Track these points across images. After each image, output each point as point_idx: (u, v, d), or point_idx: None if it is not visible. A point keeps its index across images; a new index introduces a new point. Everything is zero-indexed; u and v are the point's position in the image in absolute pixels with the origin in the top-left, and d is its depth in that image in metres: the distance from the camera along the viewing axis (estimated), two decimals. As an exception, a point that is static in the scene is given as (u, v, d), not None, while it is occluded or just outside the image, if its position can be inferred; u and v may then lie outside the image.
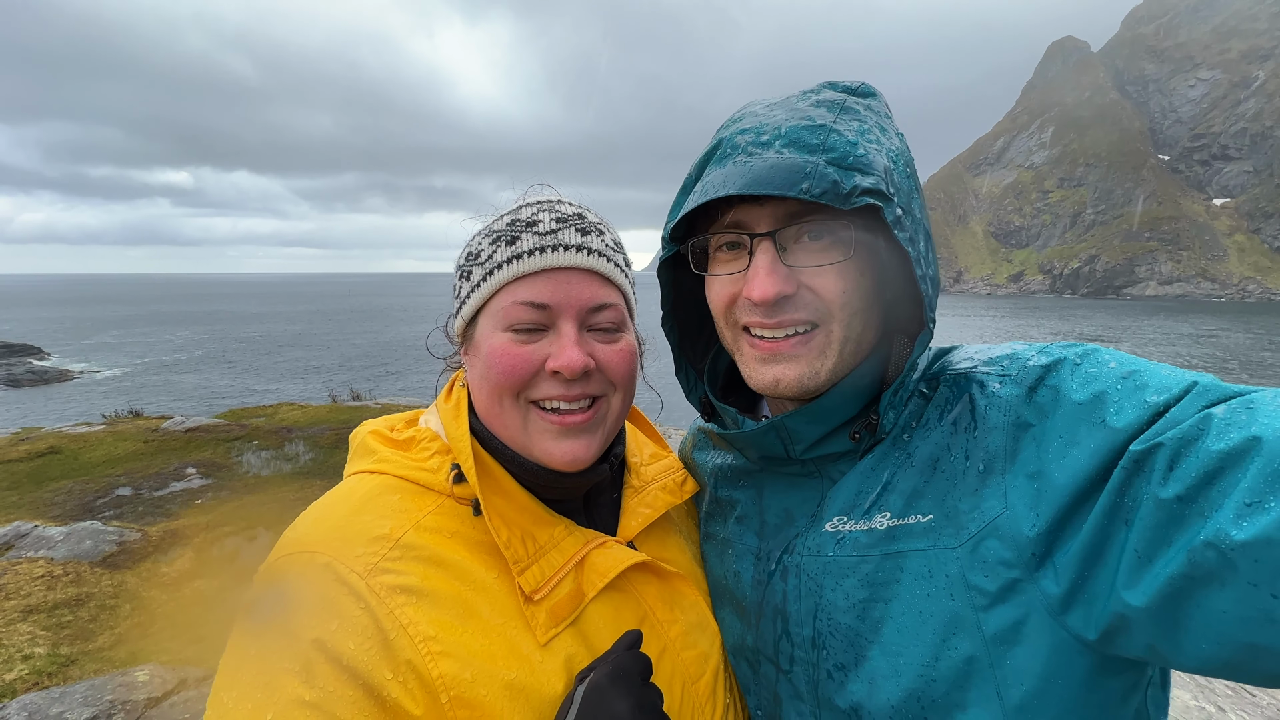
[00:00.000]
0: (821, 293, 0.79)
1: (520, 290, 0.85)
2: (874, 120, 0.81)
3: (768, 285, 0.78)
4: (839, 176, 0.73)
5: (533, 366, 0.85)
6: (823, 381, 0.82)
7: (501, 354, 0.85)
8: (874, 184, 0.74)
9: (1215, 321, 76.27)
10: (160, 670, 4.29)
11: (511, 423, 0.87)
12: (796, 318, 0.80)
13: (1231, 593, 0.54)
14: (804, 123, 0.77)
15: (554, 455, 0.86)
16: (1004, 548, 0.70)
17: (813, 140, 0.76)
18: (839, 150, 0.75)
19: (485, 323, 0.88)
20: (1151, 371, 0.69)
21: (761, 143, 0.78)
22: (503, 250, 0.87)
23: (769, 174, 0.74)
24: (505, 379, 0.85)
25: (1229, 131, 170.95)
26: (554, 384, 0.85)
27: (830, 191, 0.73)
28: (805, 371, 0.81)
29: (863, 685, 0.78)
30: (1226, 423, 0.58)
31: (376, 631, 0.71)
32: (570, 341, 0.85)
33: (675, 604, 0.94)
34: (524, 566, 0.82)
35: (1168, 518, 0.59)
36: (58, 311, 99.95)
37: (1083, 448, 0.67)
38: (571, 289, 0.86)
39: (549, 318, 0.86)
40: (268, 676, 0.67)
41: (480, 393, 0.89)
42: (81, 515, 8.08)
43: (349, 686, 0.68)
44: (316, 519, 0.80)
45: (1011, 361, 0.80)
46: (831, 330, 0.80)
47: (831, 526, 0.85)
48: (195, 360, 40.90)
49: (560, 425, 0.86)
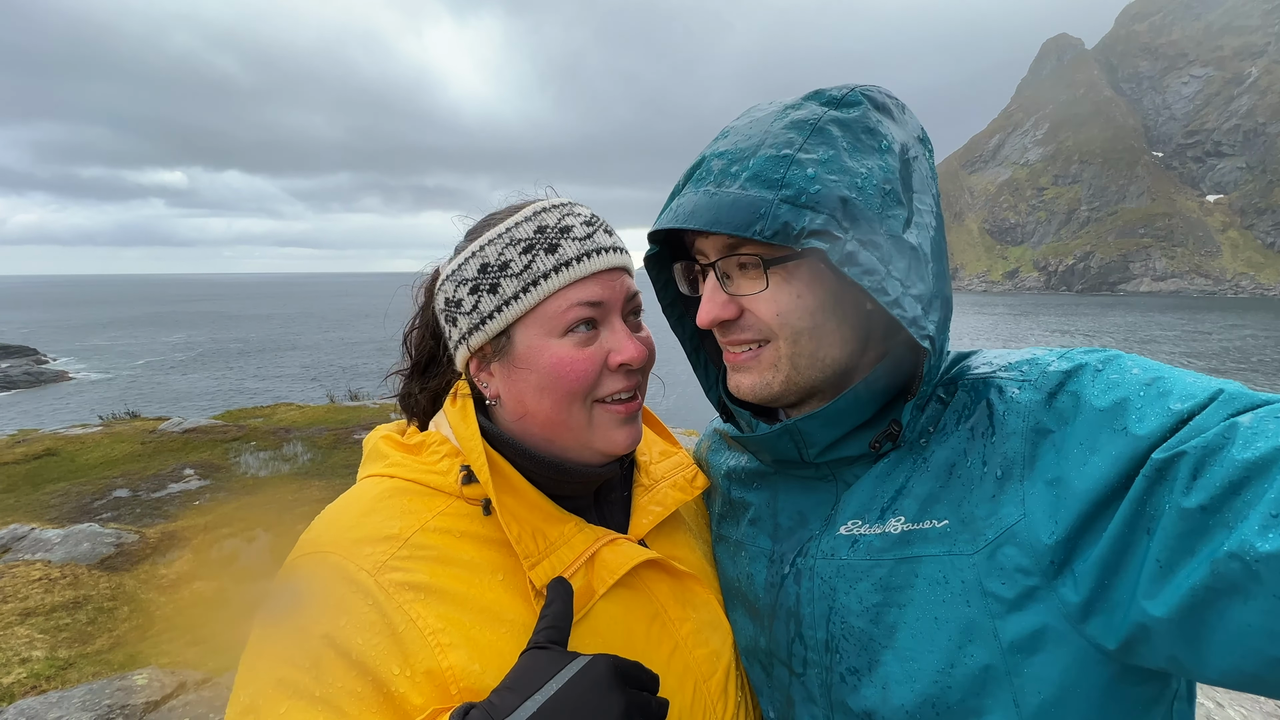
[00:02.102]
0: (760, 315, 0.82)
1: (574, 294, 0.87)
2: (847, 141, 0.77)
3: (705, 311, 0.84)
4: (790, 218, 0.73)
5: (599, 366, 0.88)
6: (776, 391, 0.85)
7: (570, 362, 0.86)
8: (823, 224, 0.73)
9: (1209, 317, 76.66)
10: (159, 674, 4.27)
11: (578, 424, 0.89)
12: (743, 338, 0.85)
13: (1256, 605, 0.53)
14: (770, 153, 0.77)
15: (618, 442, 0.91)
16: (1022, 555, 0.69)
17: (774, 175, 0.75)
18: (795, 187, 0.74)
19: (532, 332, 0.87)
20: (1175, 378, 0.68)
21: (730, 173, 0.78)
22: (543, 259, 0.87)
23: (729, 213, 0.75)
24: (579, 384, 0.87)
25: (1222, 128, 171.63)
26: (618, 377, 0.90)
27: (781, 233, 0.73)
28: (757, 382, 0.85)
29: (876, 690, 0.78)
30: (1253, 431, 0.57)
31: (385, 627, 0.73)
32: (626, 335, 0.90)
33: (687, 602, 0.95)
34: (535, 561, 0.83)
35: (1191, 528, 0.58)
36: (53, 313, 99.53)
37: (1104, 455, 0.66)
38: (616, 285, 0.91)
39: (601, 314, 0.89)
40: (279, 674, 0.70)
41: (540, 402, 0.88)
42: (79, 517, 8.04)
43: (358, 681, 0.70)
44: (329, 521, 0.83)
45: (1031, 367, 0.79)
46: (779, 347, 0.83)
47: (846, 530, 0.85)
48: (192, 361, 40.78)
49: (625, 414, 0.91)
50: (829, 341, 0.83)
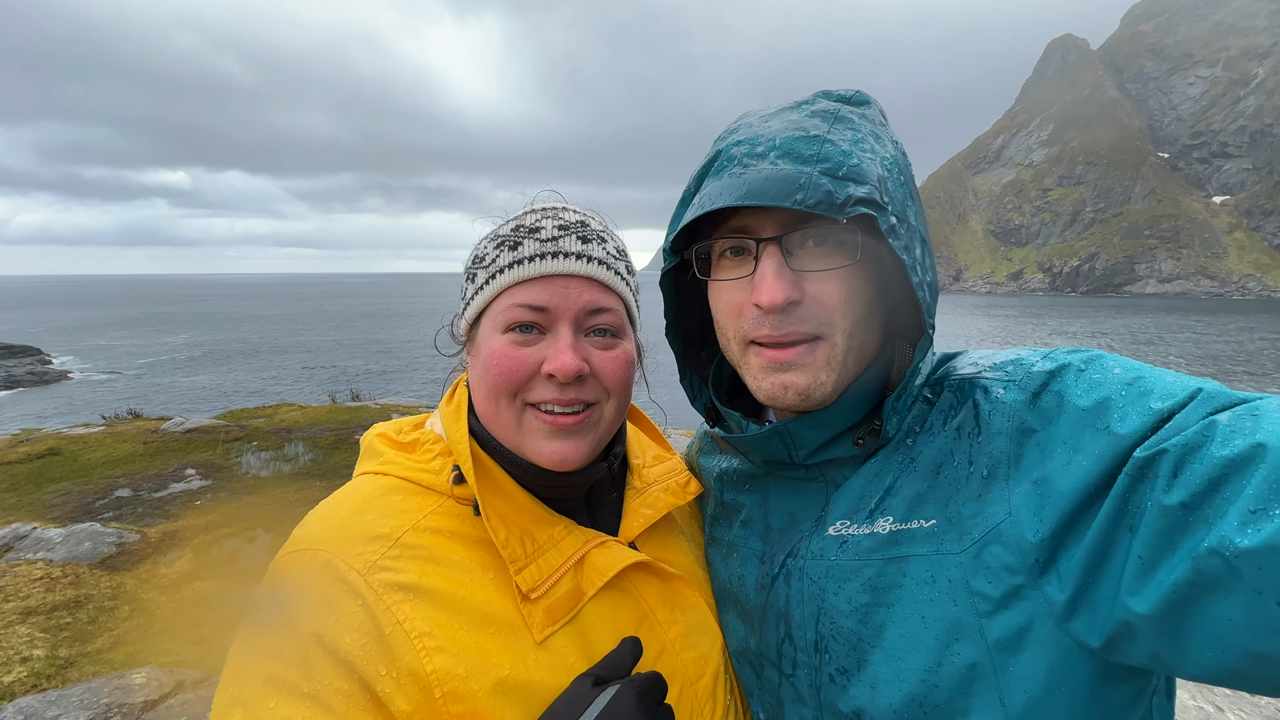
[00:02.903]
0: (825, 300, 0.79)
1: (519, 294, 0.86)
2: (868, 129, 0.81)
3: (775, 290, 0.77)
4: (833, 187, 0.73)
5: (528, 369, 0.86)
6: (829, 393, 0.81)
7: (499, 356, 0.86)
8: (868, 193, 0.73)
9: (1215, 319, 76.31)
10: (158, 673, 4.28)
11: (507, 422, 0.88)
12: (801, 330, 0.79)
13: (1237, 600, 0.53)
14: (798, 133, 0.78)
15: (543, 454, 0.87)
16: (1007, 553, 0.70)
17: (807, 151, 0.76)
18: (832, 160, 0.75)
19: (486, 324, 0.90)
20: (1156, 377, 0.69)
21: (756, 154, 0.78)
22: (505, 255, 0.88)
23: (764, 185, 0.74)
24: (502, 380, 0.86)
25: (1228, 129, 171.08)
26: (549, 387, 0.86)
27: (825, 202, 0.72)
28: (811, 381, 0.80)
29: (865, 690, 0.78)
30: (1232, 429, 0.58)
31: (373, 627, 0.73)
32: (565, 345, 0.86)
33: (675, 605, 0.94)
34: (521, 565, 0.82)
35: (1172, 525, 0.58)
36: (57, 313, 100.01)
37: (1087, 454, 0.67)
38: (570, 293, 0.87)
39: (547, 320, 0.87)
40: (268, 669, 0.70)
41: (479, 393, 0.90)
42: (80, 517, 8.06)
43: (344, 680, 0.70)
44: (321, 518, 0.83)
45: (1016, 367, 0.79)
46: (835, 341, 0.80)
47: (835, 530, 0.84)
48: (194, 361, 40.92)
49: (552, 426, 0.86)
50: (872, 335, 0.84)
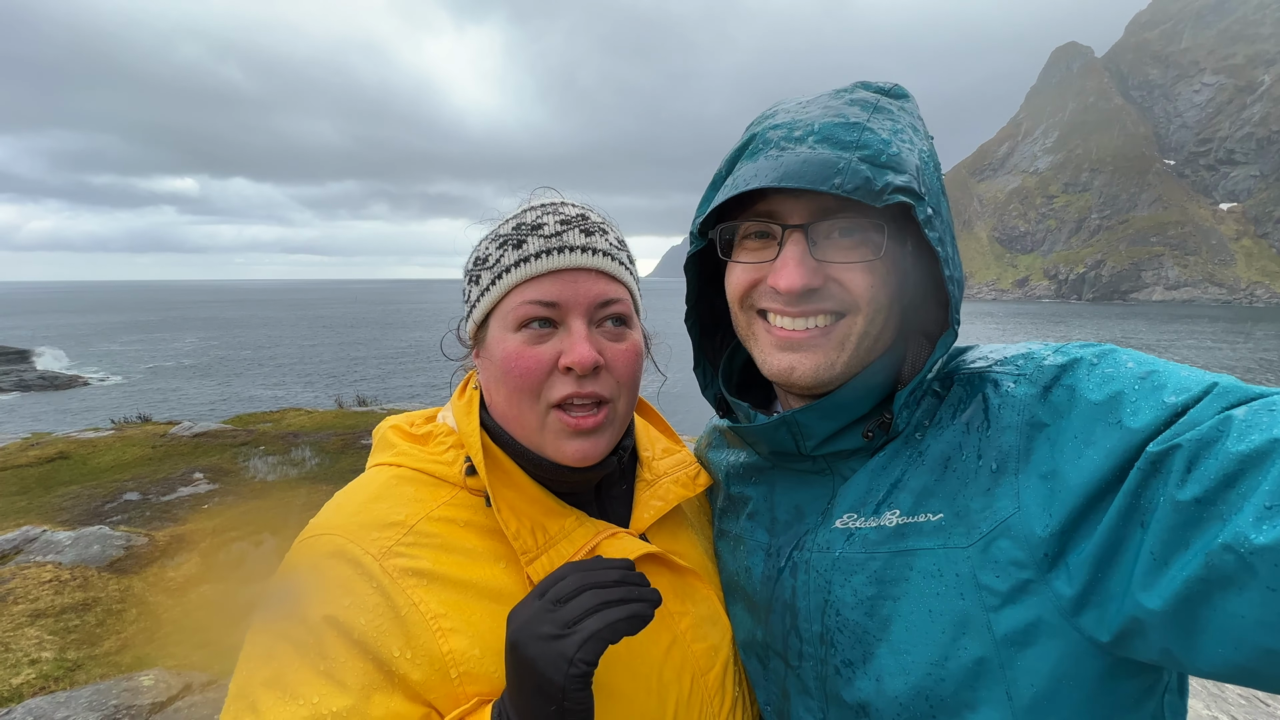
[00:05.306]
0: (850, 287, 0.79)
1: (529, 291, 0.87)
2: (907, 121, 0.81)
3: (795, 276, 0.78)
4: (871, 173, 0.73)
5: (546, 366, 0.86)
6: (837, 374, 0.82)
7: (516, 356, 0.86)
8: (906, 182, 0.73)
9: (1224, 327, 75.66)
10: (165, 675, 4.29)
11: (529, 424, 0.88)
12: (822, 307, 0.80)
13: (1250, 597, 0.53)
14: (838, 120, 0.78)
15: (565, 453, 0.88)
16: (1016, 548, 0.69)
17: (846, 137, 0.76)
18: (872, 148, 0.75)
19: (496, 325, 0.90)
20: (1170, 372, 0.68)
21: (795, 138, 0.78)
22: (510, 254, 0.88)
23: (801, 168, 0.74)
24: (523, 381, 0.86)
25: (1235, 136, 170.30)
26: (567, 381, 0.86)
27: (863, 188, 0.72)
28: (821, 362, 0.81)
29: (870, 682, 0.78)
30: (1247, 425, 0.57)
31: (388, 609, 0.75)
32: (581, 337, 0.86)
33: (686, 596, 0.95)
34: (533, 557, 0.84)
35: (1185, 520, 0.57)
36: (67, 318, 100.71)
37: (1098, 448, 0.66)
38: (579, 287, 0.88)
39: (559, 315, 0.87)
40: (284, 650, 0.72)
41: (497, 395, 0.90)
42: (89, 520, 8.11)
43: (359, 659, 0.72)
44: (337, 506, 0.85)
45: (1026, 361, 0.79)
46: (855, 323, 0.80)
47: (841, 523, 0.84)
48: (203, 366, 41.12)
49: (575, 427, 0.87)
50: (890, 325, 0.84)
